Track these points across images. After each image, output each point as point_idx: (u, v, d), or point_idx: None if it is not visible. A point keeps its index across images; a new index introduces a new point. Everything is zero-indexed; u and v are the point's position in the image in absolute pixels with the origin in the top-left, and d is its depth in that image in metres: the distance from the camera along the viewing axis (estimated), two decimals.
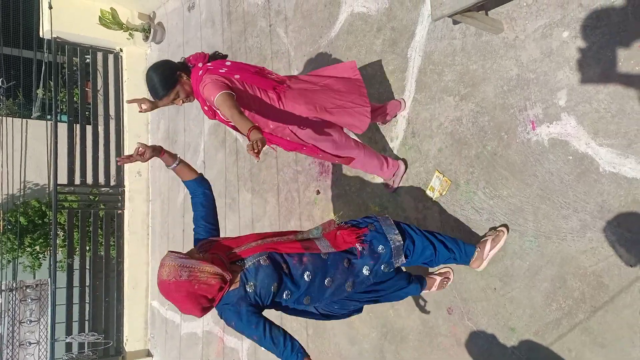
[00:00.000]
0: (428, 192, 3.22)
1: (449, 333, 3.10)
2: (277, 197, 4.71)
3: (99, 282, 7.16)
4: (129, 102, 2.77)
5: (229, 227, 5.47)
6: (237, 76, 2.71)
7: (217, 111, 2.72)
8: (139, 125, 7.61)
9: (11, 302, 9.01)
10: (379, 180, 3.58)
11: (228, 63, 2.78)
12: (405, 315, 3.37)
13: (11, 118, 8.44)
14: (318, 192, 4.18)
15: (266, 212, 4.88)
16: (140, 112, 2.82)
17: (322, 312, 2.66)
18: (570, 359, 2.50)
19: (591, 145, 2.44)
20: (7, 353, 9.03)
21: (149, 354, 7.15)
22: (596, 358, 2.41)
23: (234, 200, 5.39)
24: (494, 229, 2.86)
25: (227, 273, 2.06)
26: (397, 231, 2.52)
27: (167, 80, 2.69)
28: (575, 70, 2.51)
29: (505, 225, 2.81)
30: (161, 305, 6.99)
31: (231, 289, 2.12)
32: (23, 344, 9.18)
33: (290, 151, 3.15)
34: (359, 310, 2.79)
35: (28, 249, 9.09)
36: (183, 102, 2.78)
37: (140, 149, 2.35)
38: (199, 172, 2.50)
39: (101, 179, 7.40)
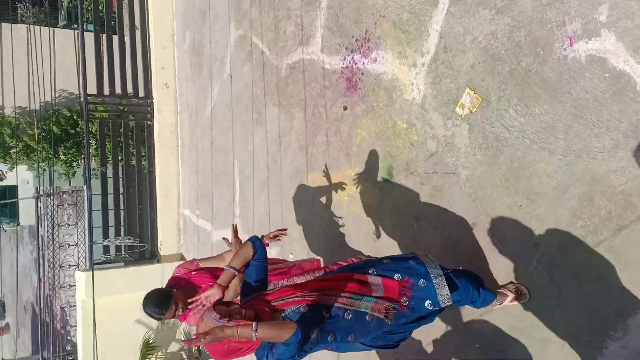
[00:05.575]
0: (458, 109, 3.19)
1: (471, 249, 3.19)
2: (304, 112, 4.71)
3: (132, 190, 7.42)
4: None
5: (256, 140, 5.54)
6: None
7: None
8: (165, 36, 7.53)
9: (49, 207, 9.47)
10: (407, 97, 3.55)
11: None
12: (431, 236, 3.46)
13: (38, 26, 8.42)
14: (345, 108, 4.16)
15: (293, 127, 4.91)
16: None
17: (370, 345, 2.71)
18: (594, 276, 2.57)
19: (630, 63, 2.37)
20: (48, 253, 9.63)
21: (182, 259, 7.52)
22: (620, 275, 2.47)
23: (260, 115, 5.42)
24: (513, 284, 2.93)
25: None
26: (444, 278, 2.58)
27: (163, 299, 2.93)
28: None
29: (527, 289, 2.87)
30: (192, 213, 7.27)
31: None
32: (63, 246, 9.76)
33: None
34: (406, 339, 2.83)
35: (62, 158, 9.40)
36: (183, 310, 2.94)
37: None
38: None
39: (129, 90, 7.46)
